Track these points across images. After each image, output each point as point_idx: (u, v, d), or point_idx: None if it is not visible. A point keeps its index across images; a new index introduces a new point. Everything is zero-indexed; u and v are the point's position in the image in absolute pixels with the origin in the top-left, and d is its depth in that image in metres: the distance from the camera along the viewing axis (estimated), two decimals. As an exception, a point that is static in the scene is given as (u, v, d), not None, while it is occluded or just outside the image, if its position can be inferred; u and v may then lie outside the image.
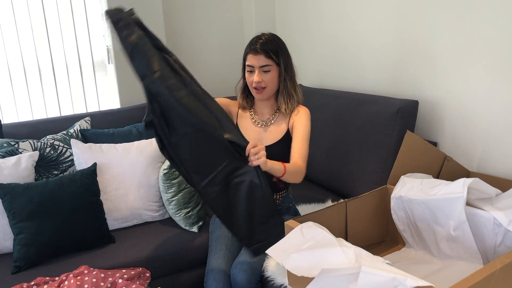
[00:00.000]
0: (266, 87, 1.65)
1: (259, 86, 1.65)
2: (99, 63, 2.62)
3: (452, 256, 1.43)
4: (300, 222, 1.34)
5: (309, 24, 2.64)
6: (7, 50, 2.37)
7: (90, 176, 1.86)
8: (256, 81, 1.64)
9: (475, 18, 1.69)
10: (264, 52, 1.62)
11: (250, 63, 1.65)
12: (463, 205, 1.34)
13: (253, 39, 1.67)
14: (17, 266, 1.64)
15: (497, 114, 1.68)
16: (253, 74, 1.65)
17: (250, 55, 1.65)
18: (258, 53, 1.63)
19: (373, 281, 1.00)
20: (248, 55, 1.66)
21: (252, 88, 1.68)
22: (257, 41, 1.65)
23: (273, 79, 1.66)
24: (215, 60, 2.94)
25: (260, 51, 1.62)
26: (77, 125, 2.15)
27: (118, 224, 1.94)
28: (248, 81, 1.68)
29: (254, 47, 1.64)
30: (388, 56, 2.12)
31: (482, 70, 1.70)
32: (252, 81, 1.65)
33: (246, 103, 1.78)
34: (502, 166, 1.69)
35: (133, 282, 1.52)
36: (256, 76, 1.64)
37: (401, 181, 1.58)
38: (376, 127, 1.91)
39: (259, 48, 1.63)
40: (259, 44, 1.64)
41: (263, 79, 1.64)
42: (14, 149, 1.92)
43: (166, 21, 2.70)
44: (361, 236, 1.59)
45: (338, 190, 2.12)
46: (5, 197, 1.70)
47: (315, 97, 2.34)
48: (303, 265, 1.17)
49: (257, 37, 1.67)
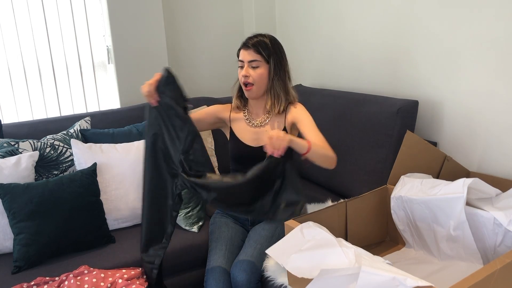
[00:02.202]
0: (253, 84, 1.66)
1: (247, 81, 1.66)
2: (99, 63, 2.62)
3: (452, 256, 1.43)
4: (300, 222, 1.34)
5: (309, 24, 2.64)
6: (7, 50, 2.37)
7: (90, 176, 1.86)
8: (243, 74, 1.66)
9: (475, 18, 1.69)
10: (254, 47, 1.65)
11: (240, 58, 1.69)
12: (463, 205, 1.34)
13: (247, 37, 1.71)
14: (17, 266, 1.64)
15: (497, 114, 1.68)
16: (242, 69, 1.68)
17: (242, 50, 1.68)
18: (248, 48, 1.66)
19: (373, 281, 1.00)
20: (240, 50, 1.69)
21: (242, 85, 1.70)
22: (250, 38, 1.69)
23: (261, 76, 1.66)
24: (215, 60, 2.94)
25: (250, 46, 1.65)
26: (77, 125, 2.15)
27: (118, 224, 1.94)
28: (239, 77, 1.71)
29: (245, 42, 1.68)
30: (388, 56, 2.12)
31: (482, 70, 1.70)
32: (241, 76, 1.68)
33: (240, 102, 1.79)
34: (502, 166, 1.69)
35: (133, 282, 1.52)
36: (244, 70, 1.66)
37: (401, 181, 1.58)
38: (376, 127, 1.91)
39: (250, 44, 1.66)
40: (251, 40, 1.68)
41: (251, 75, 1.65)
42: (14, 149, 1.92)
43: (166, 21, 2.70)
44: (361, 236, 1.59)
45: (338, 190, 2.11)
46: (5, 197, 1.70)
47: (315, 97, 2.34)
48: (303, 266, 1.17)
49: (251, 35, 1.71)
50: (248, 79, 1.66)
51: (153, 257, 1.57)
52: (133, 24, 2.52)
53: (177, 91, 1.48)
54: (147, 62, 2.60)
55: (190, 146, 1.49)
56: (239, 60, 1.69)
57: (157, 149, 1.53)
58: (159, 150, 1.53)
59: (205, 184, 1.45)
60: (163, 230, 1.55)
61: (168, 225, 1.54)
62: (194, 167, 1.48)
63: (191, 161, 1.48)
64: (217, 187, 1.45)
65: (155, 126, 1.52)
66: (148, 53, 2.59)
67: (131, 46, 2.54)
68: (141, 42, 2.56)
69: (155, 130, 1.52)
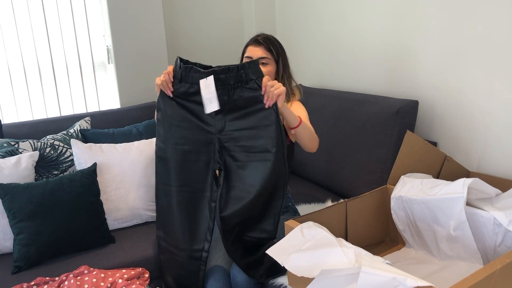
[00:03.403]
0: None
1: None
2: (99, 63, 2.62)
3: (452, 256, 1.43)
4: (300, 222, 1.34)
5: (309, 24, 2.64)
6: (7, 50, 2.37)
7: (90, 176, 1.86)
8: None
9: (474, 18, 1.69)
10: (265, 44, 1.65)
11: (249, 54, 1.67)
12: (463, 205, 1.34)
13: (255, 35, 1.72)
14: (17, 266, 1.64)
15: (497, 114, 1.68)
16: None
17: (251, 47, 1.67)
18: (259, 44, 1.65)
19: (373, 281, 1.00)
20: (249, 47, 1.68)
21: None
22: (259, 35, 1.69)
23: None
24: (215, 60, 2.94)
25: (261, 42, 1.66)
26: (77, 125, 2.15)
27: (118, 224, 1.94)
28: None
29: (255, 38, 1.68)
30: (388, 56, 2.12)
31: (482, 70, 1.70)
32: None
33: None
34: (502, 166, 1.69)
35: (133, 282, 1.52)
36: None
37: (401, 181, 1.58)
38: (376, 127, 1.91)
39: (261, 40, 1.66)
40: (261, 37, 1.68)
41: None
42: (14, 149, 1.92)
43: (166, 20, 2.71)
44: (361, 236, 1.59)
45: (338, 190, 2.11)
46: (5, 197, 1.70)
47: (315, 97, 2.34)
48: (303, 265, 1.17)
49: (259, 33, 1.72)
50: None
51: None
52: (133, 24, 2.52)
53: (196, 73, 1.43)
54: (147, 62, 2.60)
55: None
56: (247, 56, 1.67)
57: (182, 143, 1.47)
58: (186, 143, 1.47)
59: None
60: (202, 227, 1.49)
61: (207, 220, 1.48)
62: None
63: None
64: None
65: (176, 117, 1.46)
66: (148, 53, 2.59)
67: (131, 46, 2.54)
68: (141, 42, 2.56)
69: (175, 121, 1.46)
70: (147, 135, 2.17)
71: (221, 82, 1.42)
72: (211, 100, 1.41)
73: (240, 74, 1.41)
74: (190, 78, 1.44)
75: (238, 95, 1.43)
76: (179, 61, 1.46)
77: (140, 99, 2.59)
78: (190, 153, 1.48)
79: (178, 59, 1.46)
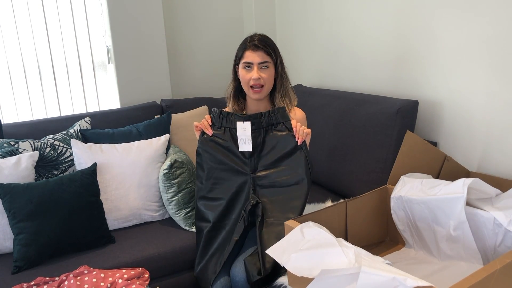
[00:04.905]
0: (264, 85, 1.64)
1: (258, 83, 1.62)
2: (99, 63, 2.62)
3: (452, 256, 1.43)
4: (300, 222, 1.34)
5: (309, 24, 2.64)
6: (7, 50, 2.37)
7: (90, 176, 1.86)
8: (255, 78, 1.61)
9: (475, 18, 1.69)
10: (264, 47, 1.61)
11: (248, 60, 1.63)
12: (463, 205, 1.34)
13: (247, 38, 1.66)
14: (17, 266, 1.64)
15: (497, 114, 1.68)
16: (251, 71, 1.63)
17: (249, 52, 1.62)
18: (258, 49, 1.61)
19: (373, 281, 1.00)
20: (246, 52, 1.63)
21: (249, 87, 1.65)
22: (254, 38, 1.64)
23: (270, 77, 1.65)
24: (215, 60, 2.94)
25: (260, 46, 1.61)
26: (77, 125, 2.15)
27: (118, 224, 1.94)
28: (245, 79, 1.64)
29: (253, 43, 1.62)
30: (388, 56, 2.12)
31: (482, 70, 1.70)
32: (250, 79, 1.62)
33: (238, 106, 1.76)
34: (502, 166, 1.69)
35: (133, 282, 1.52)
36: (255, 73, 1.61)
37: (401, 181, 1.58)
38: (376, 127, 1.91)
39: (258, 44, 1.61)
40: (257, 40, 1.63)
41: (262, 76, 1.62)
42: (14, 149, 1.92)
43: (166, 20, 2.70)
44: (361, 236, 1.59)
45: (338, 190, 2.11)
46: (5, 197, 1.70)
47: (315, 97, 2.34)
48: (303, 265, 1.17)
49: (252, 36, 1.66)
50: (260, 81, 1.62)
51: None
52: (133, 24, 2.52)
53: (230, 118, 1.62)
54: (147, 62, 2.60)
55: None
56: (246, 62, 1.63)
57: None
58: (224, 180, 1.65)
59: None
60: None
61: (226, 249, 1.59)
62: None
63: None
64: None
65: (214, 160, 1.64)
66: (148, 53, 2.59)
67: (131, 46, 2.54)
68: (141, 42, 2.56)
69: (214, 164, 1.64)
70: (147, 135, 2.17)
71: (256, 125, 1.60)
72: (245, 141, 1.61)
73: (271, 118, 1.59)
74: (230, 122, 1.62)
75: (270, 136, 1.61)
76: (217, 110, 1.65)
77: (140, 99, 2.59)
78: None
79: (214, 109, 1.65)
